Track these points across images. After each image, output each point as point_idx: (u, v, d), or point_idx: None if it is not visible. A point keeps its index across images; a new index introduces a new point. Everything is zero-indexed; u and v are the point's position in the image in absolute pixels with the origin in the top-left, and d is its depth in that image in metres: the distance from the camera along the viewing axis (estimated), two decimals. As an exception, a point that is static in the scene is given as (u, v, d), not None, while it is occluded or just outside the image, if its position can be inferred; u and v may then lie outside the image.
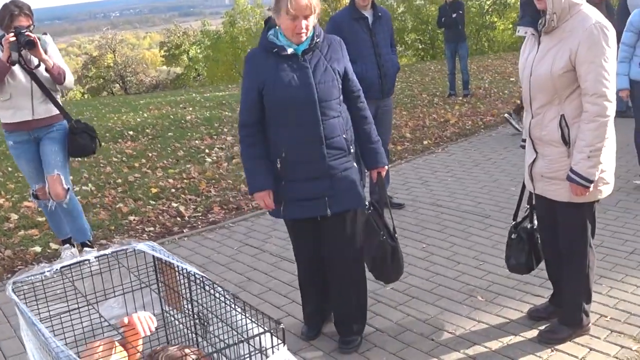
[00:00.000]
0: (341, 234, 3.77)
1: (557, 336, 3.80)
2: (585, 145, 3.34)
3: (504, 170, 7.56)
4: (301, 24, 3.40)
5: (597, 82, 3.27)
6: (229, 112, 12.95)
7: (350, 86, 3.67)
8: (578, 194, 3.44)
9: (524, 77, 3.57)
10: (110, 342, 2.65)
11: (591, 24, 3.26)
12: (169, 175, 8.09)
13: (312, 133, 3.53)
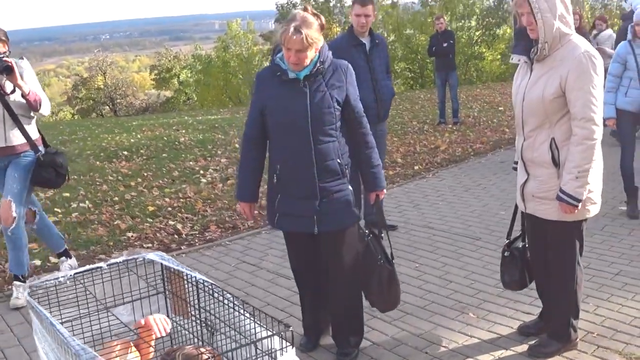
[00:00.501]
0: (335, 250, 3.93)
1: (547, 350, 3.96)
2: (573, 166, 3.54)
3: (493, 196, 7.76)
4: (294, 57, 3.59)
5: (586, 107, 3.48)
6: (222, 135, 13.11)
7: (352, 112, 3.81)
8: (567, 212, 3.63)
9: (516, 101, 3.78)
10: (127, 343, 2.80)
11: (580, 53, 3.48)
12: (165, 195, 8.23)
13: (303, 156, 3.71)
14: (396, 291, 4.07)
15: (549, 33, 3.48)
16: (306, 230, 3.85)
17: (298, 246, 4.06)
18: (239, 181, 4.04)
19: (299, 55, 3.56)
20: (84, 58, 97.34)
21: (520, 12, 3.57)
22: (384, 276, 3.99)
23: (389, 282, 4.01)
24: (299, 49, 3.54)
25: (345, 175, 3.80)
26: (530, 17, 3.50)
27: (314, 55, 3.63)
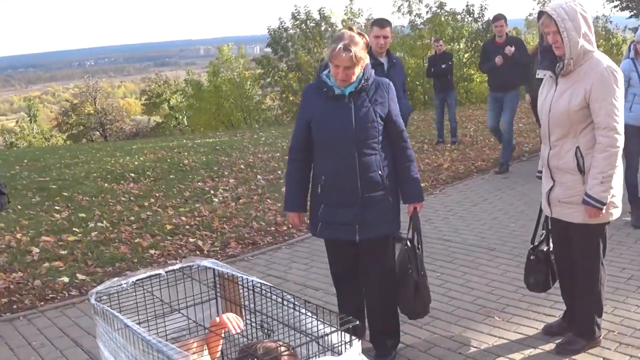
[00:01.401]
0: (374, 257, 4.17)
1: (573, 347, 4.21)
2: (598, 172, 3.81)
3: (502, 209, 8.03)
4: (342, 73, 3.85)
5: (609, 117, 3.76)
6: (225, 156, 13.32)
7: (394, 127, 4.06)
8: (592, 215, 3.89)
9: (542, 113, 4.05)
10: (202, 341, 3.01)
11: (603, 68, 3.77)
12: (181, 214, 8.42)
13: (348, 167, 3.96)
14: (423, 301, 4.26)
15: (575, 50, 3.76)
16: (348, 238, 4.07)
17: (339, 254, 4.28)
18: (286, 192, 4.27)
19: (347, 72, 3.81)
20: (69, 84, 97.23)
21: (546, 31, 3.85)
22: (411, 287, 4.20)
23: (416, 292, 4.21)
24: (348, 66, 3.79)
25: (386, 186, 4.03)
26: (557, 35, 3.78)
27: (359, 72, 3.88)
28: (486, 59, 10.15)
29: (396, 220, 4.20)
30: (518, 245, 6.57)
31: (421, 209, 4.32)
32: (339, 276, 4.41)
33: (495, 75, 9.98)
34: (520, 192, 8.89)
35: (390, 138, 4.07)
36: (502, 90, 9.91)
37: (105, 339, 3.33)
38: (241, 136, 18.42)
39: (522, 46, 10.09)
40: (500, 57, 9.66)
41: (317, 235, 4.26)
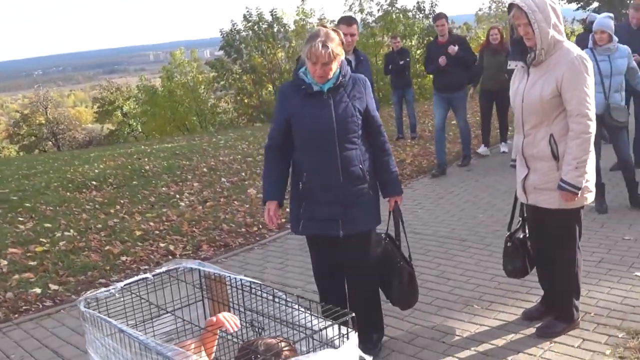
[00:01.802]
0: (356, 251, 4.22)
1: (553, 330, 4.32)
2: (572, 158, 3.91)
3: (468, 201, 8.16)
4: (320, 70, 3.89)
5: (580, 104, 3.87)
6: (186, 161, 13.24)
7: (372, 122, 4.11)
8: (568, 200, 4.00)
9: (516, 103, 4.15)
10: (199, 341, 3.02)
11: (573, 57, 3.88)
12: (148, 219, 8.35)
13: (330, 162, 3.99)
14: (415, 291, 4.36)
15: (545, 40, 3.87)
16: (331, 233, 4.11)
17: (322, 251, 4.30)
18: (264, 185, 4.23)
19: (324, 69, 3.85)
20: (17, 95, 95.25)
21: (517, 23, 3.95)
22: (404, 277, 4.28)
23: (410, 282, 4.31)
24: (325, 62, 3.83)
25: (367, 180, 4.08)
26: (528, 27, 3.88)
27: (336, 68, 3.92)
28: (430, 60, 9.98)
29: (377, 214, 4.25)
30: (488, 234, 6.69)
31: (401, 202, 4.36)
32: (322, 275, 4.43)
33: (441, 76, 9.81)
34: (484, 184, 9.04)
35: (368, 133, 4.12)
36: (449, 91, 9.78)
37: (97, 345, 3.29)
38: (199, 140, 18.31)
39: (465, 44, 10.03)
40: (443, 58, 9.51)
41: (300, 233, 4.28)
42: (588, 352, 4.10)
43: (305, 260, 6.30)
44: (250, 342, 2.83)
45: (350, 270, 4.30)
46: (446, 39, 9.72)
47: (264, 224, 7.86)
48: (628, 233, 6.31)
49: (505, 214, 7.35)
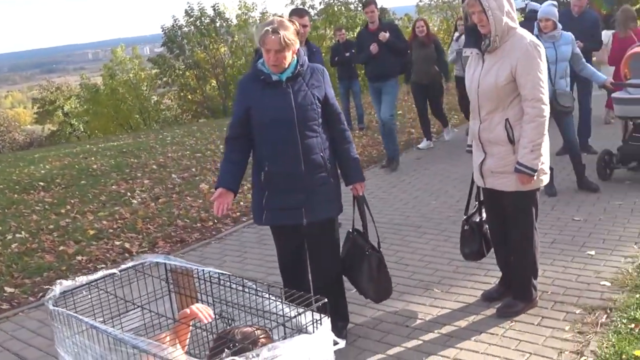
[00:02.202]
0: (319, 239, 4.27)
1: (513, 310, 4.44)
2: (528, 141, 4.03)
3: (420, 188, 8.29)
4: (273, 57, 3.91)
5: (535, 89, 3.99)
6: (134, 158, 13.08)
7: (331, 110, 4.16)
8: (525, 182, 4.12)
9: (471, 89, 4.25)
10: (174, 334, 3.02)
11: (527, 43, 4.00)
12: (101, 218, 8.25)
13: (291, 150, 4.02)
14: (387, 279, 4.40)
15: (499, 27, 3.97)
16: (295, 222, 4.14)
17: (287, 240, 4.33)
18: (220, 172, 4.20)
19: (277, 56, 3.87)
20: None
21: (472, 11, 4.04)
22: (373, 264, 4.33)
23: (379, 269, 4.34)
24: (278, 49, 3.85)
25: (328, 168, 4.13)
26: (482, 14, 3.97)
27: (292, 58, 3.95)
28: (361, 49, 9.57)
29: (339, 202, 4.30)
30: (443, 220, 6.82)
31: (363, 189, 4.40)
32: (286, 267, 4.45)
33: (372, 65, 9.40)
34: (434, 172, 9.19)
35: (328, 121, 4.16)
36: (381, 79, 9.38)
37: (67, 344, 3.26)
38: (146, 137, 18.08)
39: (397, 31, 9.57)
40: (374, 45, 9.10)
41: (263, 223, 4.30)
42: (548, 329, 4.23)
43: (264, 252, 6.35)
44: (226, 331, 2.85)
45: (314, 259, 4.34)
46: (376, 26, 9.31)
47: (219, 218, 7.84)
48: (577, 214, 6.51)
49: (457, 200, 7.51)
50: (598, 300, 4.57)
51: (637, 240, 5.67)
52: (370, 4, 9.35)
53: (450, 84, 11.14)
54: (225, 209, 4.05)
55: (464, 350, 4.09)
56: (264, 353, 2.54)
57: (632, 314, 4.24)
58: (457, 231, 6.11)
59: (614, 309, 4.39)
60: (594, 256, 5.37)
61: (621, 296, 4.56)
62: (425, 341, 4.25)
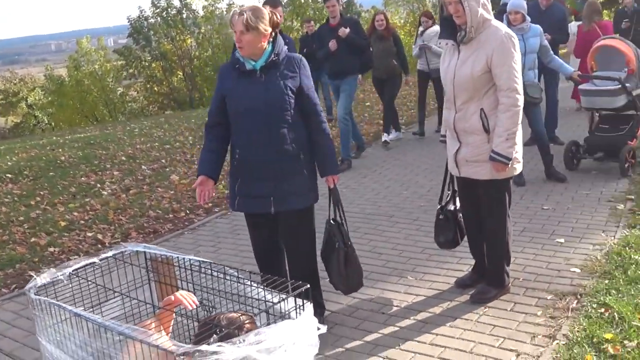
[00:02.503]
0: (292, 230, 4.30)
1: (486, 296, 4.54)
2: (503, 130, 4.12)
3: (391, 179, 8.38)
4: (237, 37, 3.96)
5: (510, 79, 4.08)
6: (102, 150, 12.98)
7: (307, 101, 4.16)
8: (500, 170, 4.22)
9: (447, 80, 4.32)
10: (158, 321, 3.05)
11: (502, 34, 4.09)
12: (72, 209, 8.20)
13: (261, 139, 4.05)
14: (357, 273, 4.42)
15: (475, 18, 4.05)
16: (263, 211, 4.17)
17: (259, 229, 4.37)
18: (200, 160, 4.25)
19: (241, 37, 3.91)
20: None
21: (448, 1, 4.11)
22: (341, 259, 4.36)
23: (346, 265, 4.36)
24: (242, 30, 3.89)
25: (301, 159, 4.14)
26: (458, 5, 4.05)
27: (264, 45, 3.99)
28: (321, 45, 9.25)
29: (312, 194, 4.30)
30: (414, 210, 6.91)
31: (337, 181, 4.42)
32: (260, 255, 4.48)
33: (331, 61, 9.20)
34: (404, 162, 9.29)
35: (304, 112, 4.17)
36: (339, 76, 9.24)
37: (49, 332, 3.26)
38: (113, 129, 17.94)
39: (358, 27, 9.25)
40: (333, 41, 8.83)
41: (235, 209, 4.33)
42: (520, 314, 4.34)
43: (238, 242, 6.39)
44: (211, 317, 2.87)
45: (290, 248, 4.38)
46: (337, 22, 8.99)
47: (191, 209, 7.86)
48: (546, 203, 6.66)
49: (428, 189, 7.62)
50: (568, 286, 4.69)
51: (604, 228, 5.82)
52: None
53: (409, 78, 11.03)
54: (208, 196, 4.13)
55: (439, 335, 4.17)
56: (250, 338, 2.58)
57: (601, 299, 4.36)
58: (428, 220, 6.25)
59: (584, 294, 4.51)
60: (564, 244, 5.51)
61: (591, 282, 4.69)
62: (402, 327, 4.33)
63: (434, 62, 10.22)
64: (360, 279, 4.48)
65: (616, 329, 3.98)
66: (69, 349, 3.15)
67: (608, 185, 7.15)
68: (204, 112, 19.22)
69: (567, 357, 3.73)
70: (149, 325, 3.00)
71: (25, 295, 5.12)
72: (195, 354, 2.44)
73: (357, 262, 4.45)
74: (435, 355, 3.94)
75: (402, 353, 4.00)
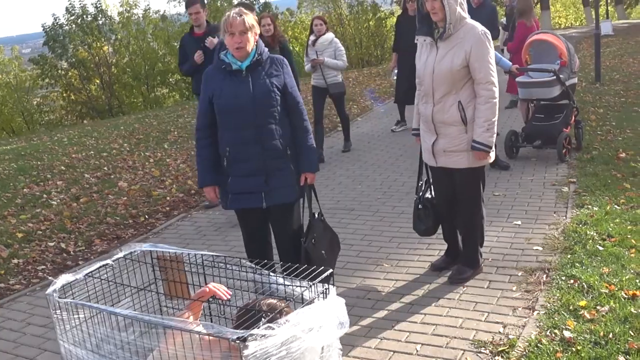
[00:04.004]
0: (282, 223, 4.53)
1: (463, 276, 4.88)
2: (483, 120, 4.47)
3: (343, 174, 8.67)
4: (238, 37, 4.17)
5: (487, 73, 4.45)
6: (36, 161, 12.75)
7: (290, 99, 4.40)
8: (481, 158, 4.57)
9: (425, 74, 4.63)
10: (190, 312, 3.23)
11: (479, 32, 4.45)
12: (25, 221, 8.12)
13: (250, 136, 4.28)
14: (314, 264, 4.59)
15: (453, 16, 4.39)
16: (256, 205, 4.39)
17: (251, 224, 4.57)
18: (199, 169, 4.49)
19: (241, 38, 4.14)
20: None
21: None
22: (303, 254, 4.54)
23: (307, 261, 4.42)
24: (242, 30, 4.12)
25: (288, 154, 4.38)
26: (435, 3, 4.36)
27: (253, 44, 4.22)
28: (185, 58, 7.75)
29: (299, 187, 4.53)
30: (373, 202, 7.22)
31: (313, 180, 4.60)
32: (252, 250, 4.66)
33: (197, 78, 6.96)
34: (352, 158, 9.57)
35: (287, 109, 4.40)
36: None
37: (73, 334, 3.35)
38: (39, 140, 17.59)
39: None
40: (199, 53, 7.40)
41: (228, 207, 4.53)
42: (497, 290, 4.71)
43: (207, 242, 6.55)
44: (251, 303, 3.07)
45: (280, 240, 4.60)
46: (203, 30, 7.57)
47: (149, 213, 7.94)
48: (496, 190, 7.09)
49: (380, 183, 7.96)
50: (535, 262, 5.09)
51: (555, 209, 6.28)
52: (194, 3, 7.53)
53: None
54: (217, 196, 4.49)
55: (428, 315, 4.48)
56: (293, 320, 2.80)
57: (568, 271, 4.78)
58: (388, 212, 6.62)
59: (551, 269, 4.91)
60: (521, 225, 5.93)
61: (554, 258, 5.10)
62: (391, 310, 4.61)
63: (331, 77, 9.38)
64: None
65: (587, 296, 4.39)
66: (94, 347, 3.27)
67: (549, 170, 7.66)
68: (130, 119, 19.09)
69: (550, 324, 4.09)
70: (187, 317, 3.17)
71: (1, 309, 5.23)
72: (249, 337, 2.64)
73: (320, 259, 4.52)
74: (429, 332, 4.24)
75: (397, 333, 4.28)
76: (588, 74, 14.76)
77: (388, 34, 29.04)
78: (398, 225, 6.35)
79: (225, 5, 29.28)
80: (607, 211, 5.96)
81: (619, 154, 7.96)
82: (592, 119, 10.25)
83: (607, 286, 4.48)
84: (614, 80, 14.15)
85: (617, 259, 4.91)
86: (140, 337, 3.07)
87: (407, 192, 7.33)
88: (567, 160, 7.92)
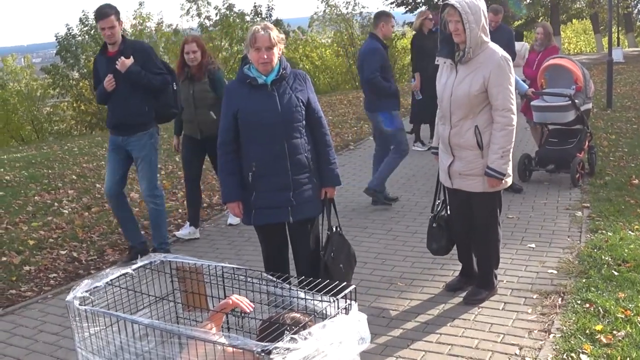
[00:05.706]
0: (304, 237, 4.55)
1: (478, 297, 4.88)
2: (498, 147, 4.48)
3: (356, 192, 8.66)
4: (264, 54, 4.20)
5: (506, 100, 4.45)
6: (47, 169, 12.79)
7: (313, 113, 4.45)
8: (494, 185, 4.58)
9: (444, 97, 4.65)
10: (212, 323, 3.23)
11: (499, 57, 4.45)
12: (36, 228, 8.14)
13: (277, 151, 4.31)
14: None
15: (474, 40, 4.40)
16: (282, 220, 4.41)
17: (273, 240, 4.60)
18: (222, 185, 4.53)
19: (268, 53, 4.17)
20: None
21: (449, 19, 4.44)
22: (322, 266, 4.59)
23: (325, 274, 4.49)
24: (268, 46, 4.16)
25: (312, 169, 4.42)
26: (459, 24, 4.38)
27: (277, 60, 4.26)
28: (98, 81, 6.32)
29: (320, 201, 4.56)
30: (386, 221, 7.22)
31: (333, 194, 4.65)
32: (270, 265, 4.67)
33: (111, 107, 6.28)
34: (365, 177, 9.57)
35: (310, 124, 4.44)
36: (122, 131, 6.25)
37: (92, 340, 3.36)
38: (49, 148, 17.66)
39: (148, 56, 6.19)
40: (110, 78, 6.01)
41: (252, 223, 4.53)
42: (513, 312, 4.70)
43: (219, 256, 6.54)
44: (274, 316, 3.08)
45: (299, 252, 4.61)
46: (118, 48, 6.12)
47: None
48: (509, 213, 7.09)
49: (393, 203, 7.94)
50: (550, 286, 5.08)
51: (569, 233, 6.29)
52: (107, 15, 5.99)
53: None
54: (241, 212, 4.49)
55: (443, 335, 4.48)
56: (316, 332, 2.81)
57: (584, 295, 4.78)
58: (402, 230, 6.61)
59: (566, 292, 4.91)
60: (535, 248, 5.93)
61: (569, 281, 5.10)
62: (406, 329, 4.61)
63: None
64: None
65: (604, 321, 4.38)
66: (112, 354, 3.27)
67: (562, 194, 7.67)
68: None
69: (566, 347, 4.09)
70: (209, 328, 3.17)
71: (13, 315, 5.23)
72: (274, 350, 2.65)
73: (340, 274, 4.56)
74: (445, 352, 4.24)
75: (413, 352, 4.28)
76: (599, 100, 14.80)
77: (399, 55, 29.13)
78: (412, 244, 6.35)
79: (237, 22, 29.48)
80: (622, 237, 5.97)
81: (632, 181, 7.98)
82: (604, 144, 10.28)
83: (623, 311, 4.48)
84: (625, 107, 14.19)
85: (633, 285, 4.92)
86: (160, 346, 3.09)
87: (420, 211, 7.35)
88: (580, 185, 7.93)
